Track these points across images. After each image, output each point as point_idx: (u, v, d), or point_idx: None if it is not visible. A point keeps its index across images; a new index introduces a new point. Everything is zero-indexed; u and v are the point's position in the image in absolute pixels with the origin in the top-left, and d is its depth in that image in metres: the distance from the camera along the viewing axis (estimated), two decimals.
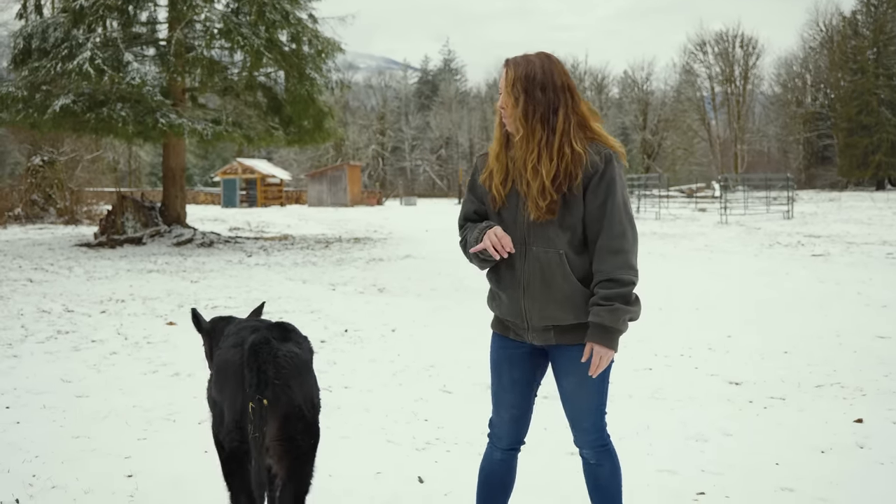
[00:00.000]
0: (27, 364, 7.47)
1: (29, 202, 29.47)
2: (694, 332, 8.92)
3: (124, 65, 17.87)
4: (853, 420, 5.54)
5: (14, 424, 5.58)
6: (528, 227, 3.05)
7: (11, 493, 4.30)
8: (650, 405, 6.00)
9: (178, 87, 20.27)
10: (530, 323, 3.12)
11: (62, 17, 18.76)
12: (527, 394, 3.34)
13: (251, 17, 18.79)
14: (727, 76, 79.87)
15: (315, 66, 20.25)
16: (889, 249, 17.67)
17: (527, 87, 3.03)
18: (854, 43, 69.77)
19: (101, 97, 18.52)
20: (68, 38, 18.23)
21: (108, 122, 18.31)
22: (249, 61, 18.96)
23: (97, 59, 17.29)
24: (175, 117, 18.45)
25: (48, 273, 14.58)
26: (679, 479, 4.47)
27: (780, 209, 31.32)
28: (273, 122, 21.00)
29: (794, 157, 75.21)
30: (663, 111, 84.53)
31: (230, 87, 20.86)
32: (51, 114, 18.01)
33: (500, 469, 3.41)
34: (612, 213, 3.01)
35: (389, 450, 5.05)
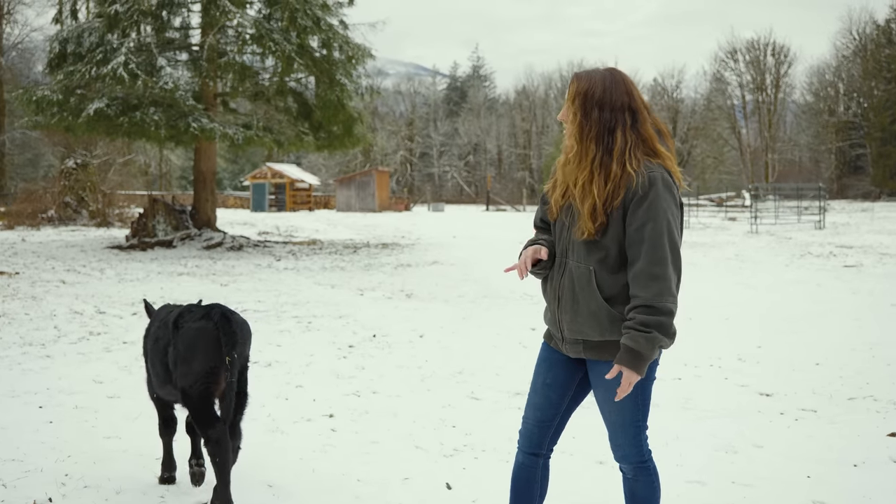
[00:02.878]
0: (60, 364, 7.56)
1: (62, 204, 29.80)
2: (724, 342, 8.85)
3: (157, 69, 18.05)
4: (886, 434, 5.46)
5: (47, 424, 5.64)
6: (570, 241, 3.09)
7: (45, 492, 4.35)
8: (679, 415, 5.96)
9: (210, 92, 20.43)
10: (564, 334, 3.17)
11: (97, 23, 18.99)
12: (556, 400, 3.33)
13: (283, 22, 18.90)
14: (758, 84, 79.12)
15: (345, 71, 20.32)
16: None
17: (584, 104, 3.02)
18: (888, 51, 68.99)
19: (134, 101, 18.71)
20: (103, 43, 18.45)
21: (140, 125, 18.49)
22: (280, 67, 19.08)
23: (131, 64, 17.48)
24: (206, 122, 18.60)
25: (80, 275, 14.73)
26: (709, 491, 4.43)
27: (812, 219, 31.01)
28: (303, 127, 21.09)
29: (825, 166, 74.37)
30: (693, 119, 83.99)
31: (261, 92, 21.00)
32: (85, 117, 18.21)
33: (523, 474, 3.42)
34: (654, 237, 2.93)
35: (417, 455, 5.05)
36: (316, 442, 5.31)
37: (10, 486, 4.44)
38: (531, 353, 8.27)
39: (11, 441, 5.22)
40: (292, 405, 6.21)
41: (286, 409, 6.07)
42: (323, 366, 7.62)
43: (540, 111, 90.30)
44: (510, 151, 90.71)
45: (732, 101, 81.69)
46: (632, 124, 3.02)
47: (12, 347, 8.27)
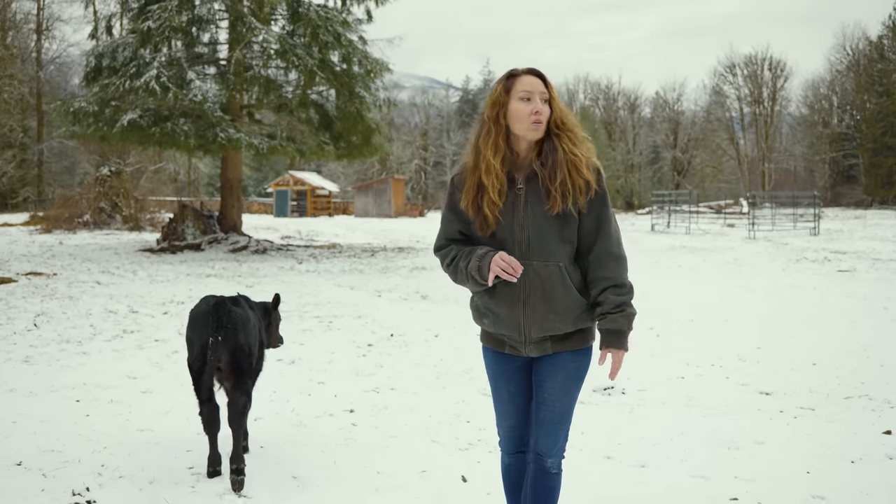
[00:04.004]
0: (96, 361, 7.59)
1: (97, 209, 29.95)
2: (724, 342, 8.79)
3: (187, 82, 18.13)
4: (882, 432, 5.40)
5: (84, 417, 5.66)
6: (528, 244, 2.99)
7: (82, 482, 4.36)
8: (683, 413, 5.92)
9: (237, 104, 20.50)
10: (529, 336, 3.05)
11: (131, 38, 19.09)
12: (523, 405, 3.26)
13: (305, 38, 18.95)
14: (756, 97, 78.82)
15: (364, 85, 20.35)
16: None
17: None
18: (880, 66, 68.61)
19: (165, 112, 18.79)
20: (136, 58, 18.54)
21: (171, 135, 18.57)
22: (303, 80, 19.14)
23: (162, 77, 17.56)
24: (233, 132, 18.65)
25: (114, 276, 14.79)
26: (712, 485, 4.40)
27: (807, 226, 30.84)
28: (324, 137, 21.13)
29: (819, 175, 73.96)
30: (693, 130, 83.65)
31: (285, 104, 21.05)
32: (119, 127, 18.30)
33: (514, 471, 3.35)
34: (609, 222, 3.06)
35: (434, 449, 5.03)
36: (338, 436, 5.30)
37: (50, 476, 4.46)
38: None
39: (51, 433, 5.24)
40: (315, 401, 6.21)
41: (309, 405, 6.08)
42: (343, 363, 7.62)
43: None
44: None
45: (731, 114, 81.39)
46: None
47: (51, 345, 8.32)
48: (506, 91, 3.02)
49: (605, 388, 6.59)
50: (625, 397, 6.36)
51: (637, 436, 5.30)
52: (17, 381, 6.72)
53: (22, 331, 9.07)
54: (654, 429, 5.46)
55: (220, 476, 4.46)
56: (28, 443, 5.03)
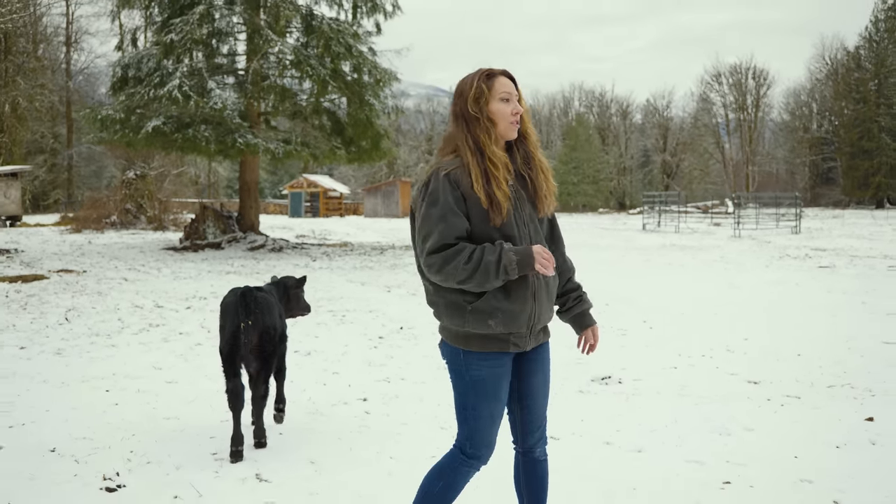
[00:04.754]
0: (124, 353, 7.58)
1: (123, 210, 29.96)
2: (713, 335, 8.75)
3: (208, 91, 18.10)
4: (864, 418, 5.37)
5: (113, 406, 5.64)
6: (531, 239, 2.88)
7: (113, 468, 4.34)
8: (677, 401, 5.88)
9: (254, 111, 20.47)
10: (534, 328, 2.91)
11: (154, 50, 19.06)
12: (504, 403, 3.00)
13: (319, 49, 18.91)
14: (740, 104, 78.77)
15: (373, 93, 20.30)
16: (890, 262, 17.22)
17: None
18: (857, 75, 68.45)
19: (187, 119, 18.77)
20: (160, 68, 18.52)
21: (193, 141, 18.55)
22: (316, 89, 19.09)
23: (184, 87, 17.53)
24: (251, 137, 18.62)
25: (140, 273, 14.78)
26: (706, 469, 4.36)
27: (789, 225, 30.76)
28: (336, 142, 21.08)
29: (800, 177, 73.84)
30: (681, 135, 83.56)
31: (299, 112, 21.01)
32: (144, 134, 18.28)
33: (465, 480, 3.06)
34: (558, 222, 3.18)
35: (443, 435, 5.00)
36: (352, 423, 5.27)
37: (82, 462, 4.44)
38: None
39: (82, 421, 5.22)
40: (330, 390, 6.18)
41: (325, 394, 6.05)
42: (356, 355, 7.60)
43: (545, 128, 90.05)
44: None
45: (717, 120, 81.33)
46: None
47: (81, 338, 8.31)
48: (487, 90, 2.88)
49: (603, 378, 6.56)
50: (621, 386, 6.33)
51: (634, 423, 5.26)
52: (49, 372, 6.71)
53: (54, 325, 9.07)
54: (650, 416, 5.43)
55: (242, 461, 4.45)
56: (61, 430, 5.01)
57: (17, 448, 4.67)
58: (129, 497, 3.96)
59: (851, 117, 67.64)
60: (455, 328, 2.84)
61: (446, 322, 2.87)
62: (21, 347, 7.73)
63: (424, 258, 2.76)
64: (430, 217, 2.75)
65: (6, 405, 5.60)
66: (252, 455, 4.56)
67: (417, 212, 2.85)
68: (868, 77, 67.43)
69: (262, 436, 4.69)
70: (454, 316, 2.81)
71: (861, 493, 3.98)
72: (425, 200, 2.79)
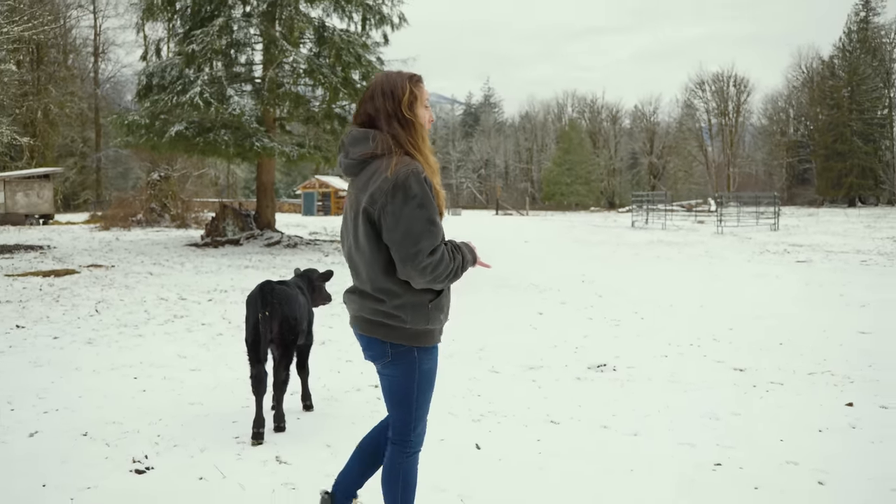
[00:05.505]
0: (150, 342, 7.54)
1: (148, 209, 29.88)
2: (700, 325, 8.71)
3: (227, 98, 18.02)
4: (844, 404, 5.33)
5: (141, 392, 5.61)
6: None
7: (141, 450, 4.31)
8: (667, 388, 5.84)
9: (270, 117, 20.37)
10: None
11: (177, 59, 18.97)
12: None
13: (330, 59, 18.82)
14: (722, 110, 78.53)
15: None
16: (863, 257, 17.17)
17: None
18: (831, 83, 68.23)
19: (208, 124, 18.69)
20: (182, 77, 18.43)
21: (213, 144, 18.47)
22: (328, 96, 18.99)
23: (205, 94, 17.45)
24: (267, 141, 18.54)
25: (164, 267, 14.74)
26: (698, 452, 4.32)
27: (768, 222, 30.65)
28: None
29: (777, 178, 73.67)
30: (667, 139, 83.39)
31: (312, 117, 20.90)
32: (167, 138, 18.21)
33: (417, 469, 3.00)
34: None
35: (451, 420, 4.97)
36: (365, 408, 5.23)
37: (113, 445, 4.41)
38: (539, 332, 8.19)
39: (112, 407, 5.19)
40: (344, 377, 6.14)
41: (339, 381, 6.01)
42: None
43: (540, 133, 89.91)
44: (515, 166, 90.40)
45: (700, 124, 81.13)
46: None
47: (111, 328, 8.28)
48: (419, 95, 2.77)
49: (598, 366, 6.52)
50: (616, 374, 6.29)
51: (629, 408, 5.22)
52: (81, 360, 6.68)
53: (85, 316, 9.03)
54: (644, 402, 5.39)
55: (262, 443, 4.41)
56: (92, 415, 4.98)
57: (52, 432, 4.64)
58: (157, 478, 3.92)
59: (826, 122, 67.45)
60: (416, 327, 2.70)
61: (409, 323, 2.68)
62: (54, 337, 7.70)
63: (418, 260, 2.56)
64: (420, 219, 2.56)
65: (41, 392, 5.57)
66: (272, 438, 4.53)
67: (396, 212, 2.57)
68: (841, 84, 67.21)
69: (282, 420, 4.68)
70: (418, 315, 2.69)
71: (844, 475, 3.95)
72: (410, 202, 2.56)
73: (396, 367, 2.77)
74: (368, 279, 2.70)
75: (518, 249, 19.92)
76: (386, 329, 2.72)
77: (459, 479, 3.90)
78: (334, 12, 20.04)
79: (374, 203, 2.60)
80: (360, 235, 2.68)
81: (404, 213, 2.55)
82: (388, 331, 2.72)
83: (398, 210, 2.55)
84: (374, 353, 2.80)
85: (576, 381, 6.06)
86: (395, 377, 2.80)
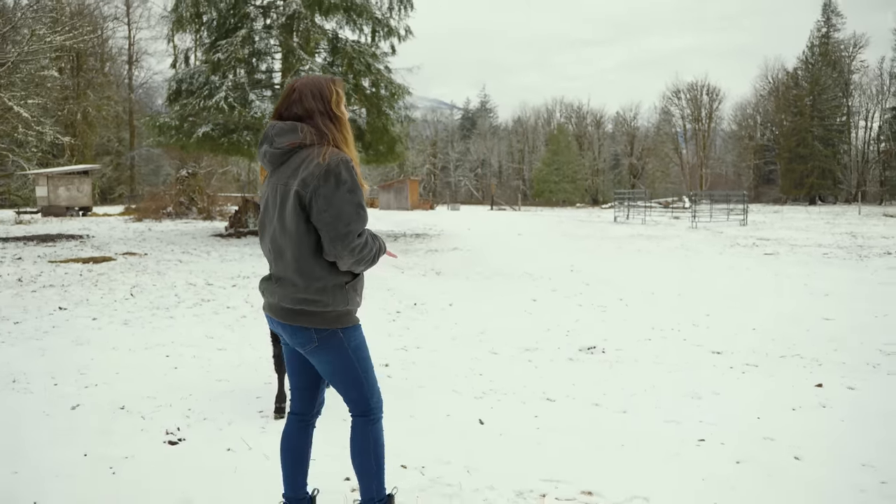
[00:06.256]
0: (180, 324, 7.47)
1: (177, 203, 29.75)
2: (680, 312, 8.65)
3: (249, 103, 17.89)
4: (814, 385, 5.27)
5: (173, 370, 5.54)
6: None
7: (174, 423, 4.25)
8: (653, 369, 5.78)
9: None
10: None
11: (204, 67, 18.83)
12: None
13: (343, 67, 18.69)
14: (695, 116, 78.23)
15: (389, 105, 20.04)
16: (824, 251, 17.08)
17: None
18: (795, 92, 67.91)
19: (231, 126, 18.56)
20: (208, 83, 18.29)
21: (236, 144, 18.37)
22: None
23: (229, 98, 17.32)
24: None
25: (192, 255, 14.65)
26: (683, 428, 4.26)
27: (737, 218, 30.53)
28: (357, 146, 20.86)
29: (745, 178, 73.41)
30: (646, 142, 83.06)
31: None
32: (195, 138, 18.10)
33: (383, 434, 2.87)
34: None
35: (455, 398, 4.91)
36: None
37: (148, 418, 4.34)
38: (534, 317, 8.12)
39: (147, 382, 5.13)
40: None
41: None
42: (378, 327, 7.49)
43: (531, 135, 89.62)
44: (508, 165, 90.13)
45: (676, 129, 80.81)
46: None
47: (144, 311, 8.20)
48: (342, 95, 2.68)
49: (589, 348, 6.46)
50: (605, 356, 6.22)
51: (618, 387, 5.16)
52: (118, 340, 6.61)
53: (121, 299, 8.95)
54: (631, 381, 5.33)
55: (283, 417, 4.35)
56: (129, 390, 4.91)
57: (92, 405, 4.58)
58: (188, 449, 3.86)
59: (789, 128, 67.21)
60: (337, 308, 2.57)
61: (331, 305, 2.55)
62: (93, 319, 7.63)
63: (349, 240, 2.47)
64: (352, 203, 2.47)
65: (82, 368, 5.50)
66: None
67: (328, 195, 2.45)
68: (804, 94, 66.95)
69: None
70: (339, 296, 2.57)
71: (818, 451, 3.88)
72: (342, 187, 2.46)
73: (326, 351, 2.61)
74: (294, 259, 2.54)
75: (512, 242, 19.82)
76: (307, 316, 2.56)
77: (464, 452, 3.84)
78: (347, 25, 19.87)
79: (305, 186, 2.48)
80: (288, 219, 2.52)
81: (336, 197, 2.46)
82: (309, 317, 2.56)
83: (330, 193, 2.46)
84: (300, 340, 2.62)
85: (568, 361, 6.00)
86: (329, 362, 2.64)
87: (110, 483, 3.39)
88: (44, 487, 3.31)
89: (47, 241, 16.92)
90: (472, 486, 3.38)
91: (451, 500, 3.22)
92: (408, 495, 3.27)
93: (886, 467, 3.62)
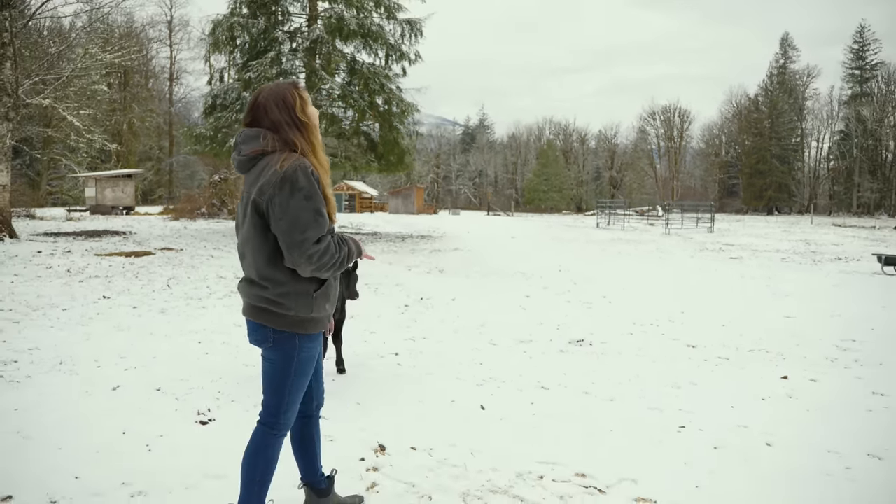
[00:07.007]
0: (212, 313, 7.36)
1: (210, 204, 29.61)
2: (657, 309, 8.53)
3: None
4: (780, 377, 5.16)
5: (204, 355, 5.43)
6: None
7: (205, 404, 4.13)
8: (636, 360, 5.67)
9: None
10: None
11: (236, 84, 18.70)
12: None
13: (359, 87, 18.57)
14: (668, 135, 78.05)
15: (399, 120, 19.92)
16: (782, 255, 16.97)
17: None
18: (755, 115, 67.89)
19: None
20: (240, 98, 18.17)
21: None
22: (357, 116, 18.75)
23: None
24: None
25: (223, 251, 14.52)
26: (665, 415, 4.15)
27: (705, 225, 30.40)
28: (370, 157, 20.71)
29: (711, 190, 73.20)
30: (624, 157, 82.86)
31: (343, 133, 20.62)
32: (227, 147, 17.97)
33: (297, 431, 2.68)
34: None
35: (458, 385, 4.79)
36: (388, 372, 5.06)
37: (181, 399, 4.23)
38: (528, 312, 8.00)
39: (180, 367, 5.02)
40: (369, 346, 5.97)
41: (365, 349, 5.84)
42: (388, 319, 7.38)
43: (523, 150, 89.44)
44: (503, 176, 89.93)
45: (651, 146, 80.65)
46: None
47: (179, 301, 8.09)
48: (306, 98, 2.41)
49: (578, 341, 6.35)
50: (592, 348, 6.11)
51: (605, 377, 5.05)
52: (155, 327, 6.50)
53: (159, 290, 8.84)
54: (617, 372, 5.22)
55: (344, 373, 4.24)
56: (164, 374, 4.80)
57: (131, 387, 4.46)
58: (218, 428, 3.75)
59: (751, 147, 67.15)
60: (299, 314, 2.32)
61: (293, 310, 2.30)
62: (134, 307, 7.52)
63: (305, 248, 2.21)
64: (307, 210, 2.21)
65: (122, 352, 5.39)
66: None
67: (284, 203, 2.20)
68: (764, 117, 66.94)
69: (342, 363, 4.94)
70: (301, 303, 2.31)
71: (787, 438, 3.77)
72: (297, 193, 2.20)
73: (277, 352, 2.36)
74: (254, 267, 2.32)
75: (507, 244, 19.70)
76: (269, 315, 2.33)
77: (469, 435, 3.72)
78: (364, 49, 19.72)
79: (262, 194, 2.24)
80: (248, 226, 2.31)
81: (291, 204, 2.20)
82: (270, 317, 2.33)
83: (285, 201, 2.20)
84: (258, 337, 2.39)
85: (559, 353, 5.89)
86: (275, 362, 2.38)
87: (146, 459, 3.28)
88: (86, 462, 3.19)
89: (94, 237, 16.80)
90: (477, 467, 3.27)
91: (457, 481, 3.11)
92: (418, 475, 3.16)
93: (850, 454, 3.51)
